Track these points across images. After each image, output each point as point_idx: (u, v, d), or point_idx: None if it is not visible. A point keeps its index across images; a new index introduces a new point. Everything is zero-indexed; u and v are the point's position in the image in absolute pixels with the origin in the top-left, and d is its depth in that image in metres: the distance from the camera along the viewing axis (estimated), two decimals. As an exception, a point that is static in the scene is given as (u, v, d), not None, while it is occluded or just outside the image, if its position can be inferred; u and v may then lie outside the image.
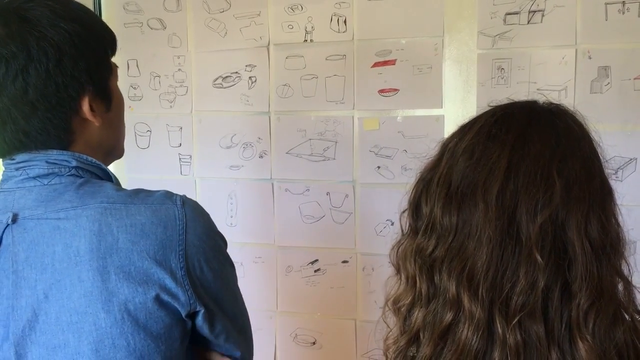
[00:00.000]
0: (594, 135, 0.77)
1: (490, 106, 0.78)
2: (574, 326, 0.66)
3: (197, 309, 0.83)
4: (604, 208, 0.70)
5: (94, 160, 0.87)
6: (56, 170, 0.83)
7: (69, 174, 0.83)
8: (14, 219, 0.80)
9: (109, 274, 0.77)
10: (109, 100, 0.90)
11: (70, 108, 0.84)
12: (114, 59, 0.95)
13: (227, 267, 0.91)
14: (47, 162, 0.83)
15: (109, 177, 0.89)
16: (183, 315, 0.82)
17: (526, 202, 0.67)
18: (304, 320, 1.85)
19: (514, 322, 0.66)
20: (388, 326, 0.81)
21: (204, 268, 0.84)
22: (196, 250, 0.82)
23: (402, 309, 0.76)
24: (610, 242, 0.69)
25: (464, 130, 0.76)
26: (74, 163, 0.84)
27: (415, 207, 0.77)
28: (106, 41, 0.91)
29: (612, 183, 0.75)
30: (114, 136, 0.94)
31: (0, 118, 0.82)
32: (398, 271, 0.78)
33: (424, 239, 0.74)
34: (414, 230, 0.77)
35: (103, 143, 0.91)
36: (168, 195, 0.85)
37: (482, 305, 0.67)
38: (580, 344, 0.65)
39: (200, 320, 0.85)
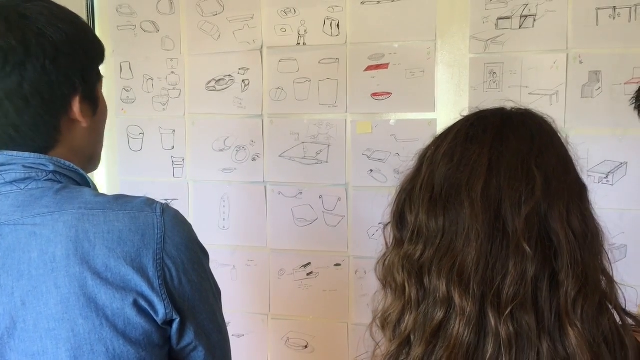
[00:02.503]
0: (563, 136, 0.80)
1: (462, 116, 0.81)
2: (563, 314, 0.68)
3: (173, 318, 0.82)
4: (582, 201, 0.73)
5: (72, 165, 0.86)
6: (33, 174, 0.82)
7: (46, 178, 0.82)
8: None
9: (86, 280, 0.76)
10: (95, 105, 0.91)
11: (62, 106, 0.85)
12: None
13: (206, 282, 0.89)
14: (23, 166, 0.82)
15: (87, 183, 0.88)
16: (159, 323, 0.81)
17: (510, 196, 0.70)
18: (296, 323, 1.85)
19: (506, 313, 0.67)
20: (376, 343, 0.81)
21: (182, 280, 0.82)
22: (174, 261, 0.81)
23: (391, 318, 0.76)
24: (591, 233, 0.71)
25: (440, 138, 0.79)
26: (52, 167, 0.83)
27: (399, 218, 0.78)
28: (98, 49, 0.92)
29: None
30: (95, 142, 0.95)
31: None
32: (384, 286, 0.79)
33: (411, 246, 0.75)
34: (399, 241, 0.78)
35: (85, 148, 0.91)
36: (148, 202, 0.83)
37: (474, 299, 0.69)
38: (570, 331, 0.67)
39: (173, 329, 0.84)
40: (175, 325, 0.83)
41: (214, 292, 0.91)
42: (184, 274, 0.82)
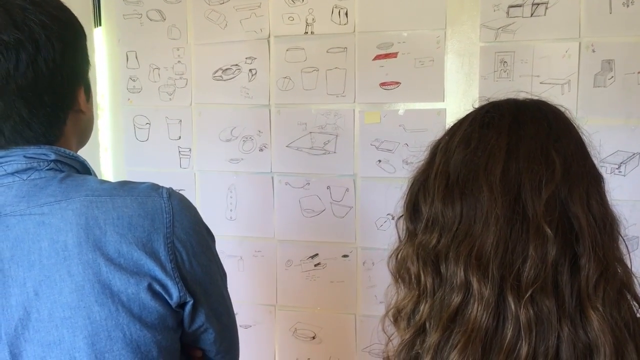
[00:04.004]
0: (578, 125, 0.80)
1: (474, 107, 0.80)
2: (584, 297, 0.67)
3: (187, 300, 0.83)
4: (599, 186, 0.73)
5: (72, 153, 0.86)
6: (35, 164, 0.81)
7: (47, 168, 0.82)
8: None
9: (100, 267, 0.76)
10: (89, 91, 0.92)
11: (70, 100, 0.85)
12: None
13: (214, 265, 0.89)
14: (25, 156, 0.81)
15: (88, 171, 0.88)
16: (173, 306, 0.82)
17: (530, 180, 0.69)
18: (304, 314, 1.84)
19: (526, 297, 0.67)
20: (388, 337, 0.80)
21: (193, 263, 0.83)
22: (184, 245, 0.81)
23: (406, 309, 0.75)
24: (610, 217, 0.71)
25: (454, 128, 0.78)
26: (53, 156, 0.82)
27: (412, 209, 0.77)
28: (83, 29, 0.91)
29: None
30: (91, 127, 0.95)
31: (4, 112, 0.80)
32: (397, 279, 0.78)
33: (426, 235, 0.74)
34: (412, 233, 0.77)
35: (84, 134, 0.92)
36: (154, 187, 0.84)
37: (492, 283, 0.68)
38: (592, 315, 0.66)
39: (186, 312, 0.85)
40: (188, 308, 0.84)
41: (221, 275, 0.92)
42: (194, 256, 0.83)
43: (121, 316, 0.77)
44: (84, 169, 0.87)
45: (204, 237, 0.86)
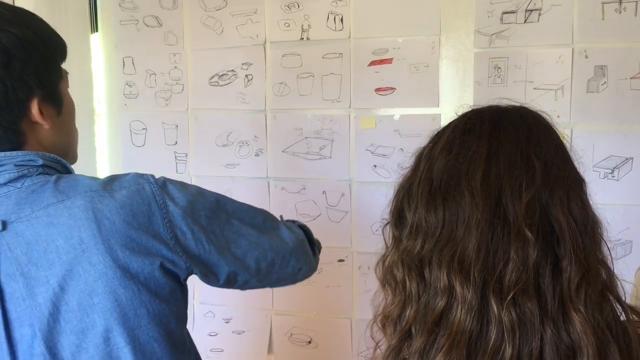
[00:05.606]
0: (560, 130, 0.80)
1: (457, 114, 0.81)
2: (566, 299, 0.67)
3: (194, 272, 0.91)
4: (580, 189, 0.73)
5: (55, 156, 0.89)
6: (25, 172, 0.85)
7: (37, 173, 0.85)
8: (4, 226, 0.82)
9: (117, 253, 0.82)
10: (59, 105, 0.92)
11: (19, 111, 0.85)
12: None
13: (217, 218, 0.93)
14: (15, 165, 0.84)
15: (69, 172, 0.92)
16: (181, 279, 0.90)
17: (510, 184, 0.69)
18: (300, 319, 1.84)
19: (508, 299, 0.67)
20: (376, 343, 0.81)
21: (194, 230, 0.88)
22: (179, 218, 0.87)
23: (392, 315, 0.76)
24: (591, 220, 0.71)
25: (437, 135, 0.79)
26: (41, 162, 0.86)
27: (398, 216, 0.78)
28: (56, 47, 0.92)
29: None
30: (66, 140, 0.96)
31: None
32: (384, 285, 0.79)
33: (410, 241, 0.75)
34: (398, 240, 0.78)
35: (56, 146, 0.92)
36: (139, 175, 0.89)
37: (475, 286, 0.68)
38: (574, 316, 0.67)
39: (202, 278, 0.93)
40: (200, 276, 0.92)
41: (232, 220, 0.96)
42: (194, 224, 0.89)
43: (143, 294, 0.85)
44: (65, 171, 0.91)
45: (199, 204, 0.91)
